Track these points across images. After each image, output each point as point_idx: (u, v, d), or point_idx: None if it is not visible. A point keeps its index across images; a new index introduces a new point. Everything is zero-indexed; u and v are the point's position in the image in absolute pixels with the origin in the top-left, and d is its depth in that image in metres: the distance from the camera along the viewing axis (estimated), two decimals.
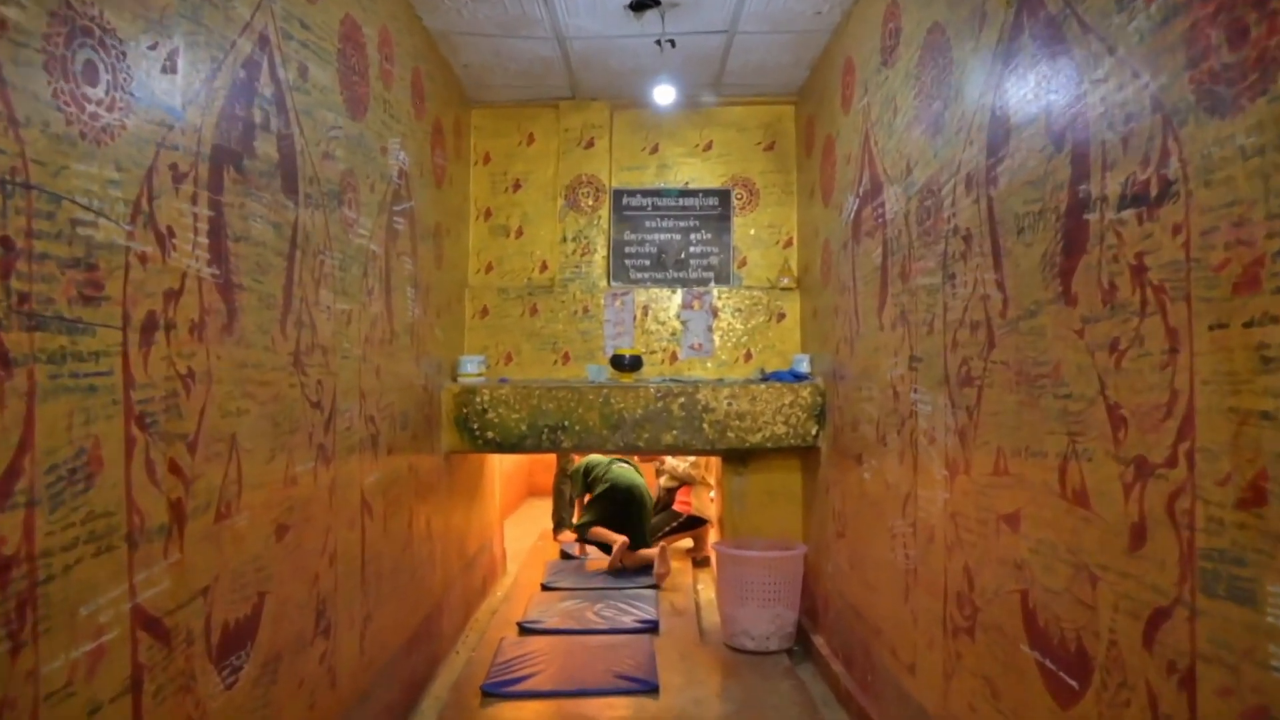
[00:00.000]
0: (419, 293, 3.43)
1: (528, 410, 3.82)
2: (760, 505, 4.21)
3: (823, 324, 3.85)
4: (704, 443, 3.81)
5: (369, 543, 2.74)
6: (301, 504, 2.18)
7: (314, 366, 2.27)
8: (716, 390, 3.81)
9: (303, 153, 2.20)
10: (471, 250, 4.55)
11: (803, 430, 3.81)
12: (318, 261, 2.31)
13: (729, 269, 4.51)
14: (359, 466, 2.66)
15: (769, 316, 4.41)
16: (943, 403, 2.33)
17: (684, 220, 4.53)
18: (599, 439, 3.82)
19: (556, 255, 4.52)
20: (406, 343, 3.24)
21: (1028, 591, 1.84)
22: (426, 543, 3.51)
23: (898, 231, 2.73)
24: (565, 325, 4.45)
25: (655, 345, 4.44)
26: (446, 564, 3.87)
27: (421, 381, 3.47)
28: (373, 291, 2.80)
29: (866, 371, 3.09)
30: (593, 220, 4.52)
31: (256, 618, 1.92)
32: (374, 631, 2.80)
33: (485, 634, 4.16)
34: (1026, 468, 1.84)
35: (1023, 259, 1.86)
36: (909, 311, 2.62)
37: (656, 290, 4.45)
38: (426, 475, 3.52)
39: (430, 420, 3.61)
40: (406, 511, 3.21)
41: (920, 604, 2.51)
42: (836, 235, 3.56)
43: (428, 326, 3.59)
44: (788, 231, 4.50)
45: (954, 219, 2.26)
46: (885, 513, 2.85)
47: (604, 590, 4.82)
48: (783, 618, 3.81)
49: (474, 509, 4.55)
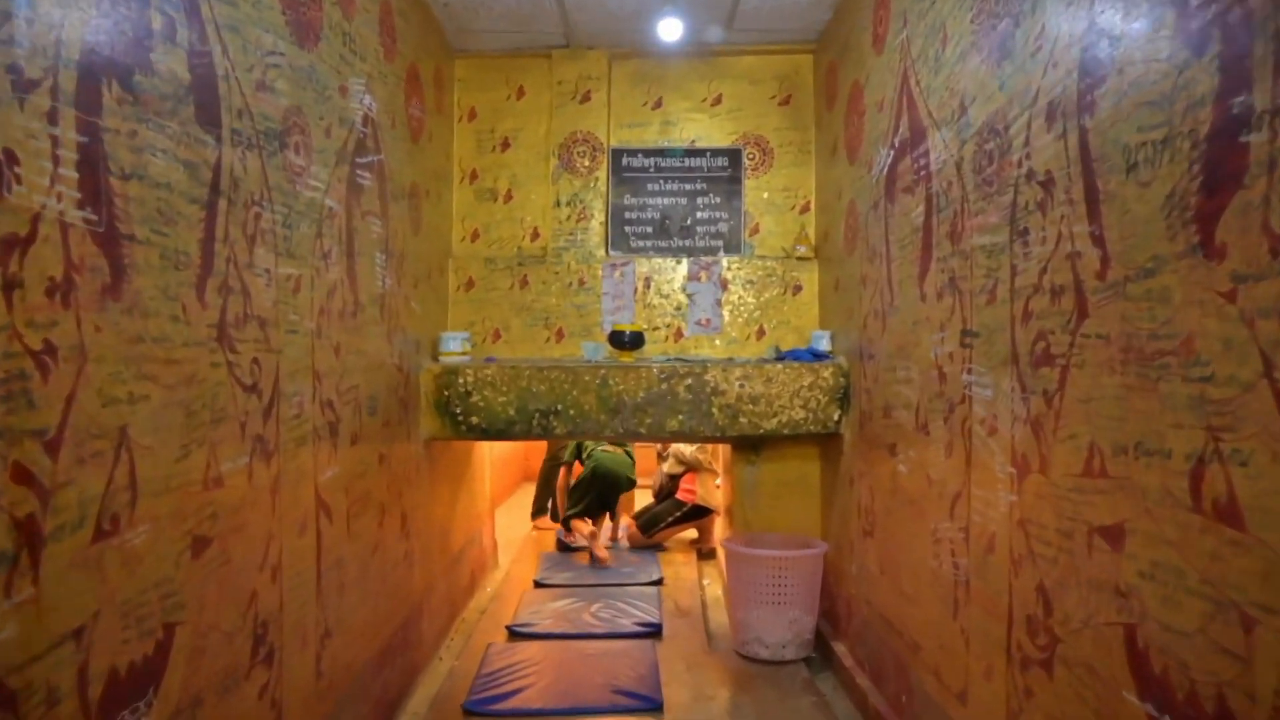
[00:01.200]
0: (391, 260, 3.02)
1: (516, 393, 3.42)
2: (774, 497, 3.82)
3: (846, 296, 3.44)
4: (713, 429, 3.42)
5: (327, 548, 2.35)
6: (230, 510, 1.79)
7: (247, 342, 1.87)
8: (727, 370, 3.41)
9: (227, 78, 1.78)
10: (455, 216, 4.14)
11: (823, 415, 3.41)
12: (251, 214, 1.89)
13: (740, 237, 4.09)
14: (312, 460, 2.26)
15: (784, 289, 4.00)
16: (1009, 386, 1.93)
17: (690, 183, 4.10)
18: (596, 424, 3.42)
19: (549, 221, 4.10)
20: (375, 316, 2.84)
21: (1135, 627, 1.45)
22: (402, 542, 3.12)
23: (946, 184, 2.32)
24: (559, 299, 4.04)
25: (658, 321, 4.03)
26: (427, 564, 3.49)
27: (395, 361, 3.07)
28: (329, 255, 2.39)
29: (902, 349, 2.69)
30: (589, 183, 4.10)
31: (163, 656, 1.53)
32: (335, 650, 2.42)
33: (472, 638, 3.79)
34: (1137, 470, 1.45)
35: (1135, 203, 1.45)
36: (960, 278, 2.22)
37: (660, 260, 4.04)
38: (402, 466, 3.13)
39: (406, 404, 3.21)
40: (376, 509, 2.82)
41: (974, 623, 2.12)
42: (864, 196, 3.15)
43: (402, 299, 3.18)
44: (805, 195, 4.08)
45: (1027, 161, 1.84)
46: (926, 513, 2.46)
47: (602, 588, 4.44)
48: (800, 623, 3.44)
49: (460, 500, 4.16)
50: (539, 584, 4.56)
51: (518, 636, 3.74)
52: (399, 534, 3.09)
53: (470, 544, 4.41)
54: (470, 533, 4.41)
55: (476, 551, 4.58)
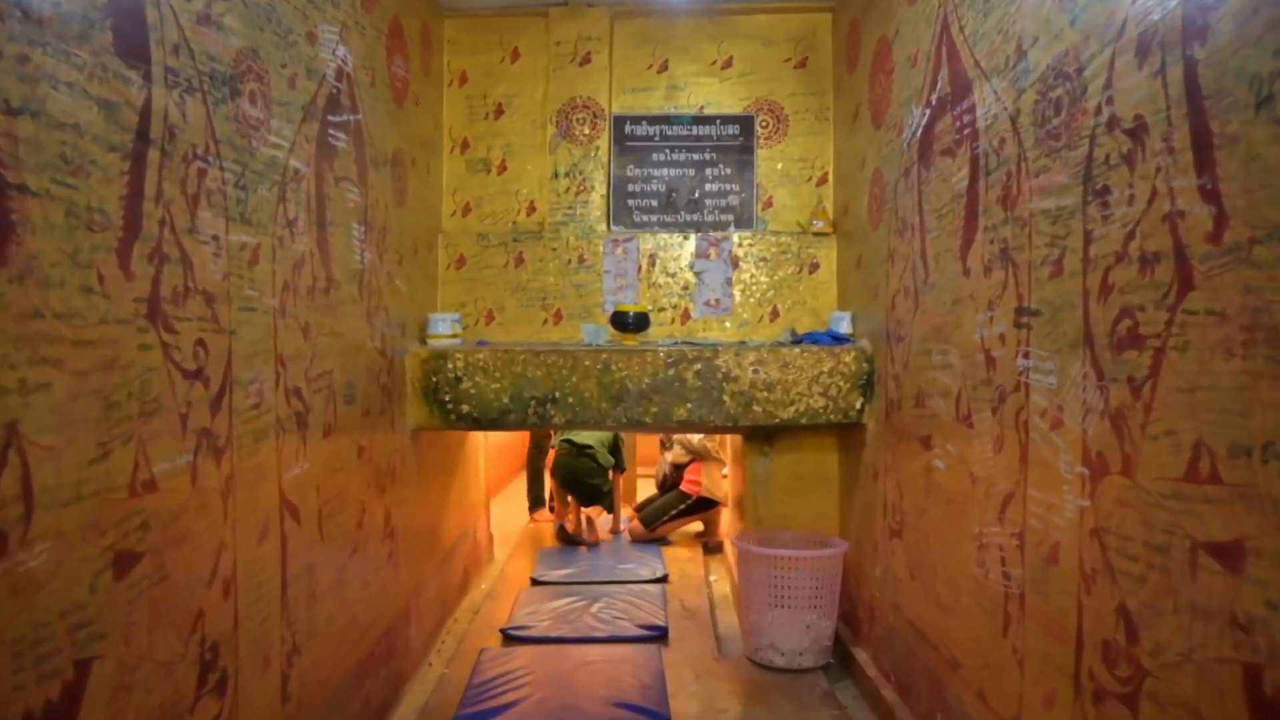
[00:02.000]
0: (371, 233, 2.74)
1: (511, 379, 3.14)
2: (788, 492, 3.55)
3: (870, 274, 3.16)
4: (724, 418, 3.15)
5: (294, 554, 2.08)
6: (167, 518, 1.52)
7: (189, 320, 1.59)
8: (740, 355, 3.13)
9: (158, 4, 1.49)
10: (446, 188, 3.84)
11: (845, 404, 3.14)
12: (193, 170, 1.61)
13: (752, 211, 3.80)
14: (276, 457, 1.99)
15: (799, 267, 3.71)
16: (1079, 373, 1.65)
17: (698, 152, 3.81)
18: (597, 413, 3.15)
19: (546, 194, 3.81)
20: (352, 294, 2.56)
21: (1262, 668, 1.18)
22: (385, 542, 2.86)
23: (997, 142, 2.03)
24: (557, 278, 3.76)
25: (664, 301, 3.75)
26: (415, 563, 3.22)
27: (376, 344, 2.79)
28: (295, 224, 2.11)
29: (939, 331, 2.41)
30: (589, 152, 3.81)
31: (73, 701, 1.26)
32: (306, 667, 2.16)
33: (464, 642, 3.54)
34: (1265, 477, 1.17)
35: (1266, 146, 1.17)
36: (1015, 249, 1.94)
37: (665, 236, 3.76)
38: (385, 459, 2.86)
39: (390, 392, 2.94)
40: (355, 507, 2.55)
41: (1030, 643, 1.86)
42: (893, 162, 2.86)
43: (384, 277, 2.90)
44: (822, 166, 3.78)
45: (1108, 107, 1.56)
46: (969, 515, 2.19)
47: (603, 586, 4.18)
48: (818, 628, 3.18)
49: (451, 493, 3.90)
50: (536, 581, 4.30)
51: (513, 640, 3.49)
52: (382, 533, 2.82)
53: (463, 539, 4.15)
54: (463, 527, 4.15)
55: (470, 547, 4.33)
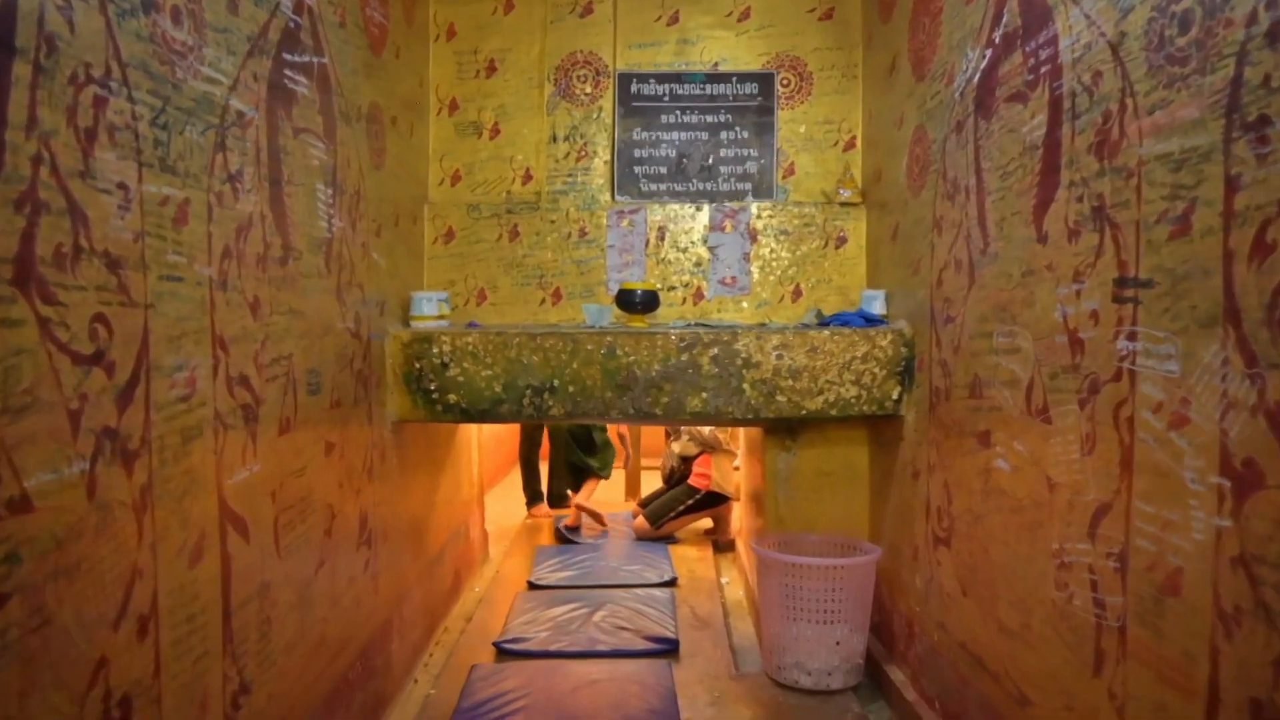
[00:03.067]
0: (341, 198, 2.38)
1: (504, 365, 2.79)
2: (812, 490, 3.21)
3: (909, 246, 2.80)
4: (743, 409, 2.80)
5: (241, 576, 1.74)
6: (47, 546, 1.17)
7: (82, 290, 1.24)
8: (762, 338, 2.78)
9: None
10: (432, 154, 3.48)
11: (880, 393, 2.79)
12: (86, 97, 1.25)
13: (771, 179, 3.44)
14: (214, 460, 1.64)
15: (824, 241, 3.36)
16: (1216, 357, 1.30)
17: (712, 114, 3.44)
18: (600, 404, 2.80)
19: (544, 161, 3.45)
20: (318, 267, 2.21)
21: None
22: (361, 549, 2.52)
23: (1090, 77, 1.67)
24: (555, 253, 3.40)
25: (674, 279, 3.40)
26: (396, 572, 2.88)
27: (349, 325, 2.44)
28: (239, 178, 1.75)
29: (1003, 308, 2.06)
30: (591, 114, 3.44)
31: None
32: (260, 705, 1.82)
33: (454, 655, 3.21)
34: None
35: None
36: (1116, 205, 1.58)
37: (676, 207, 3.40)
38: (360, 456, 2.51)
39: (366, 380, 2.59)
40: (322, 513, 2.21)
41: (1136, 689, 1.52)
42: (940, 117, 2.50)
43: (359, 248, 2.54)
44: (850, 129, 3.42)
45: (1269, 13, 1.20)
46: (1045, 526, 1.84)
47: (606, 590, 3.85)
48: (848, 644, 2.84)
49: (440, 490, 3.56)
50: (534, 585, 3.97)
51: (508, 655, 3.15)
52: (356, 541, 2.48)
53: (454, 539, 3.81)
54: (454, 526, 3.81)
55: (462, 547, 3.99)
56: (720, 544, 4.79)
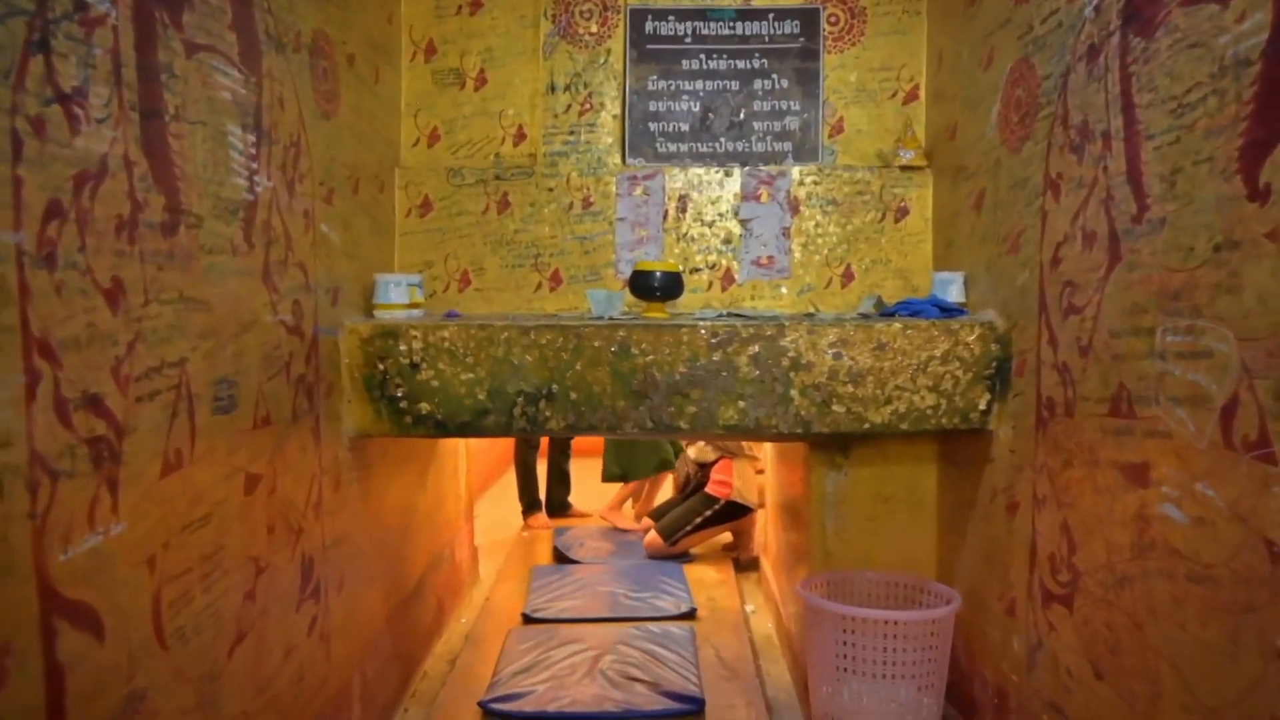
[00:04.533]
0: (269, 148, 1.80)
1: (490, 366, 2.22)
2: (869, 518, 2.64)
3: (1003, 217, 2.22)
4: (791, 422, 2.23)
5: (85, 693, 1.17)
6: None
7: None
8: (815, 333, 2.21)
9: None
10: (405, 108, 2.89)
11: (963, 402, 2.22)
12: None
13: (816, 138, 2.85)
14: (28, 529, 1.07)
15: (881, 213, 2.77)
16: None
17: (744, 59, 2.85)
18: (610, 415, 2.23)
19: (540, 116, 2.86)
20: (231, 239, 1.63)
21: None
22: (306, 607, 1.95)
23: None
24: (554, 228, 2.82)
25: (698, 259, 2.82)
26: (358, 622, 2.32)
27: (282, 317, 1.86)
28: (80, 99, 1.17)
29: (1175, 295, 1.48)
30: (597, 58, 2.85)
31: None
32: None
33: (434, 712, 2.65)
34: None
35: None
36: None
37: (700, 171, 2.81)
38: (303, 487, 1.95)
39: (311, 387, 2.01)
40: (242, 571, 1.64)
41: None
42: (1057, 45, 1.91)
43: (299, 217, 1.96)
44: (912, 76, 2.82)
45: None
46: (1258, 611, 1.27)
47: (614, 625, 3.28)
48: (922, 712, 2.28)
49: (418, 512, 2.99)
50: (529, 618, 3.40)
51: (497, 717, 2.59)
52: (297, 597, 1.92)
53: (436, 567, 3.25)
54: (435, 550, 3.25)
55: (446, 573, 3.43)
56: (741, 561, 4.23)
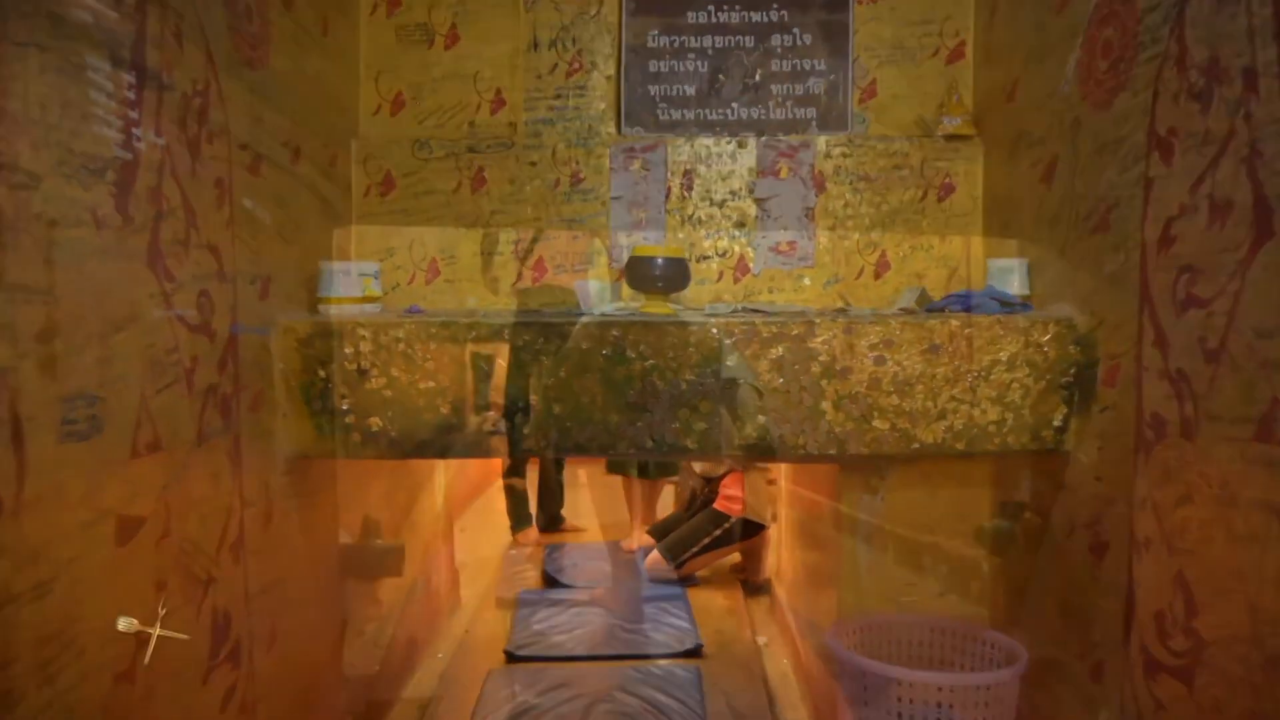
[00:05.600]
0: (159, 93, 1.39)
1: (454, 372, 1.82)
2: (910, 552, 2.23)
3: (1086, 187, 1.81)
4: (823, 441, 1.83)
5: None
6: None
7: None
8: (853, 332, 1.80)
9: None
10: (365, 70, 2.48)
11: (1034, 417, 1.81)
12: None
13: (845, 103, 2.44)
14: None
15: (922, 190, 2.37)
16: None
17: (760, 11, 2.44)
18: (602, 432, 1.83)
19: (521, 79, 2.45)
20: (92, 208, 1.22)
21: None
22: (217, 676, 1.55)
23: None
24: (537, 208, 2.41)
25: (707, 245, 2.41)
26: (295, 684, 1.92)
27: (182, 312, 1.46)
28: None
29: None
30: (588, 10, 2.45)
31: None
32: None
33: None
34: None
35: None
36: None
37: (709, 142, 2.40)
38: (215, 525, 1.54)
39: (228, 400, 1.61)
40: (113, 649, 1.23)
41: None
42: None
43: (208, 186, 1.56)
44: (957, 30, 2.42)
45: None
46: None
47: (608, 665, 2.88)
48: None
49: (383, 536, 2.59)
50: (512, 656, 3.00)
51: None
52: (205, 663, 1.51)
53: (410, 597, 2.85)
54: (406, 584, 2.84)
55: (419, 605, 3.02)
56: (751, 585, 3.83)
